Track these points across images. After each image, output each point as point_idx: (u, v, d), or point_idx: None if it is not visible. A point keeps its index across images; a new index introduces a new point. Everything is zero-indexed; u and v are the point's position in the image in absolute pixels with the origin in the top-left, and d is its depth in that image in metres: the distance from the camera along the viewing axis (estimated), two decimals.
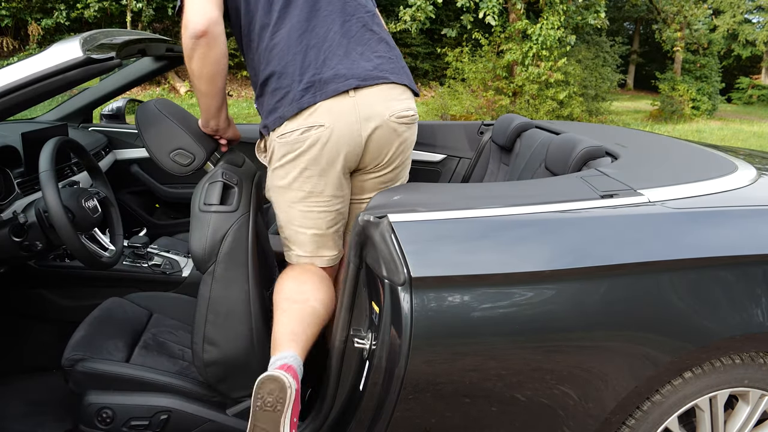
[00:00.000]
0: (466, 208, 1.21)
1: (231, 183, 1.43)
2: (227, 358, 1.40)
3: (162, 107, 1.49)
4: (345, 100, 1.42)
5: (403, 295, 1.12)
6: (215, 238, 1.36)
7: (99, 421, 1.43)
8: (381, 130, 1.47)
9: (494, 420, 1.23)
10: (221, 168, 1.46)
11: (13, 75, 1.25)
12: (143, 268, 2.07)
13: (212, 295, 1.37)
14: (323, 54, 1.44)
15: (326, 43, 1.45)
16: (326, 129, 1.41)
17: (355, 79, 1.43)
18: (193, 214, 1.38)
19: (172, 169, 1.50)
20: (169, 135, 1.48)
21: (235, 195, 1.42)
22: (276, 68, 1.43)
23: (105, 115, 2.98)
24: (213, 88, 1.43)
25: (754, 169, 1.55)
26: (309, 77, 1.41)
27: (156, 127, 1.48)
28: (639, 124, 12.75)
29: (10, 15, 11.34)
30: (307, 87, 1.41)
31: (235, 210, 1.39)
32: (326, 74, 1.42)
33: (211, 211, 1.38)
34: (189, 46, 1.35)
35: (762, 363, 1.31)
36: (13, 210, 1.65)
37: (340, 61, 1.44)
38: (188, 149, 1.49)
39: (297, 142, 1.43)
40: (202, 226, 1.37)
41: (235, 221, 1.38)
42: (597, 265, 1.16)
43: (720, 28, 20.26)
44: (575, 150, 1.68)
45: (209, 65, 1.38)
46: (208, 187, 1.41)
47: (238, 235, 1.38)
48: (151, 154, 1.49)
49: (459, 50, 11.03)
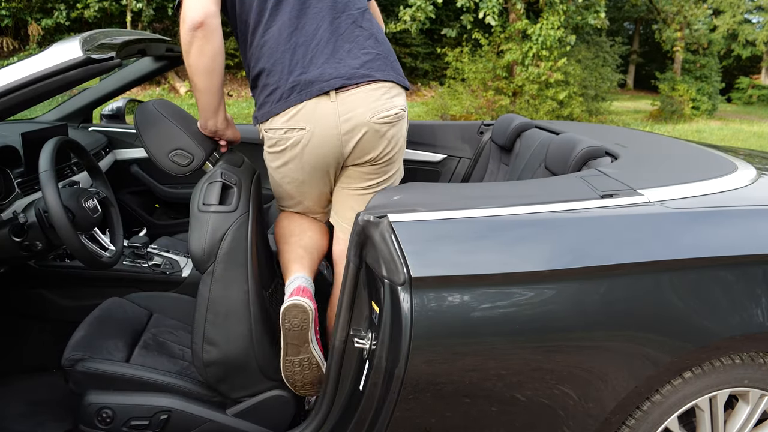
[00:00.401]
0: (465, 208, 1.21)
1: (230, 183, 1.43)
2: (227, 359, 1.40)
3: (161, 108, 1.49)
4: (327, 104, 1.47)
5: (403, 295, 1.12)
6: (214, 238, 1.36)
7: (99, 421, 1.43)
8: (364, 134, 1.51)
9: (494, 420, 1.23)
10: (220, 168, 1.46)
11: (13, 75, 1.25)
12: (143, 268, 2.07)
13: (212, 295, 1.37)
14: (311, 52, 1.48)
15: (314, 41, 1.49)
16: (307, 132, 1.49)
17: (340, 78, 1.47)
18: (192, 215, 1.38)
19: (171, 169, 1.50)
20: (167, 135, 1.48)
21: (234, 195, 1.42)
22: (266, 65, 1.48)
23: (105, 115, 2.98)
24: (210, 83, 1.45)
25: (754, 169, 1.55)
26: (295, 76, 1.47)
27: (155, 128, 1.47)
28: (639, 124, 12.75)
29: (10, 15, 11.34)
30: (293, 86, 1.47)
31: (234, 210, 1.39)
32: (312, 74, 1.47)
33: (210, 211, 1.38)
34: (187, 40, 1.39)
35: (762, 363, 1.31)
36: (13, 210, 1.65)
37: (326, 60, 1.48)
38: (187, 149, 1.49)
39: (281, 139, 1.52)
40: (201, 226, 1.37)
41: (234, 221, 1.38)
42: (597, 265, 1.16)
43: (720, 28, 20.24)
44: (575, 150, 1.68)
45: (206, 59, 1.40)
46: (207, 188, 1.41)
47: (238, 235, 1.38)
48: (150, 155, 1.49)
49: (459, 50, 11.03)
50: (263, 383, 1.46)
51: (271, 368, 1.45)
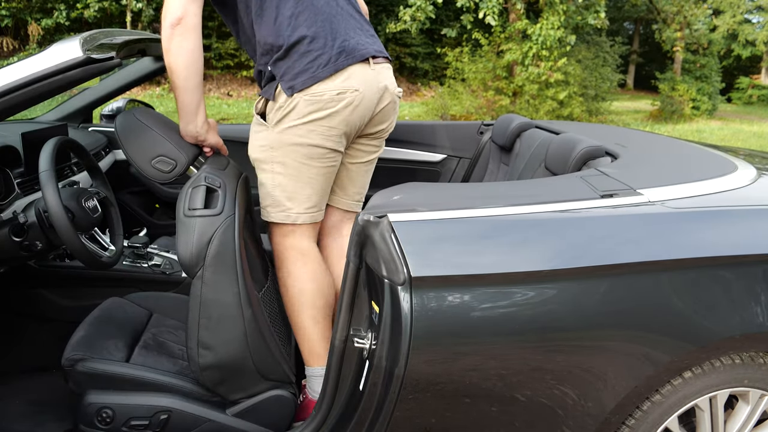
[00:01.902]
0: (465, 207, 1.21)
1: (214, 186, 1.43)
2: (223, 362, 1.40)
3: (141, 116, 1.49)
4: (368, 70, 1.57)
5: (403, 294, 1.12)
6: (201, 242, 1.35)
7: (99, 421, 1.43)
8: (387, 104, 1.65)
9: (494, 420, 1.23)
10: (203, 172, 1.46)
11: (13, 75, 1.25)
12: (143, 268, 2.07)
13: (203, 299, 1.37)
14: (344, 22, 1.58)
15: (344, 13, 1.60)
16: (359, 94, 1.55)
17: (374, 49, 1.60)
18: (178, 220, 1.38)
19: (154, 176, 1.49)
20: (149, 143, 1.47)
21: (219, 198, 1.41)
22: (307, 33, 1.52)
23: (105, 115, 2.98)
24: (188, 82, 1.46)
25: (754, 169, 1.55)
26: (339, 42, 1.54)
27: (136, 136, 1.47)
28: (639, 124, 12.75)
29: (10, 15, 11.34)
30: (339, 51, 1.53)
31: (219, 213, 1.39)
32: (352, 41, 1.56)
33: (196, 215, 1.37)
34: (166, 36, 1.42)
35: (762, 363, 1.31)
36: (13, 210, 1.65)
37: (357, 31, 1.60)
38: (169, 155, 1.48)
39: (331, 101, 1.52)
40: (188, 231, 1.36)
41: (221, 224, 1.38)
42: (597, 265, 1.16)
43: (720, 28, 20.23)
44: (575, 150, 1.68)
45: (184, 56, 1.43)
46: (191, 192, 1.41)
47: (225, 237, 1.37)
48: (132, 163, 1.48)
49: (459, 50, 11.03)
50: (261, 384, 1.46)
51: (267, 369, 1.45)
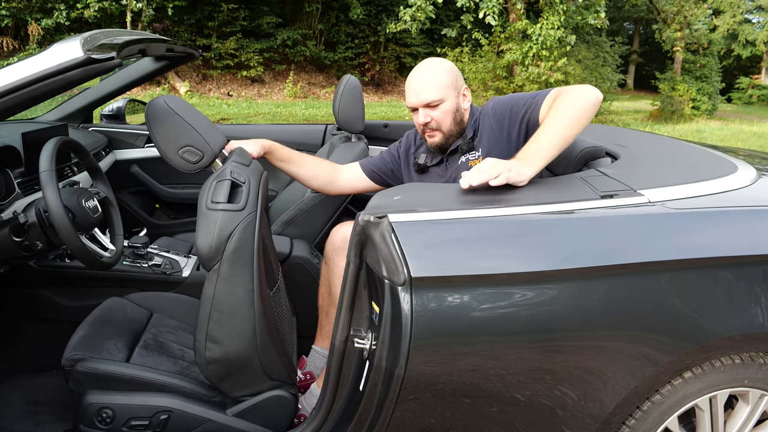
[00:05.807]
0: (466, 208, 1.21)
1: (239, 181, 1.42)
2: (229, 357, 1.40)
3: (172, 104, 1.48)
4: None
5: (403, 295, 1.12)
6: (222, 236, 1.35)
7: (99, 421, 1.43)
8: None
9: (494, 420, 1.23)
10: (230, 166, 1.46)
11: (13, 75, 1.25)
12: (143, 268, 2.07)
13: (217, 293, 1.36)
14: None
15: None
16: None
17: None
18: (200, 212, 1.37)
19: (180, 166, 1.49)
20: (178, 132, 1.47)
21: (242, 193, 1.41)
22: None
23: (105, 115, 2.98)
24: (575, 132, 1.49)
25: (754, 169, 1.55)
26: None
27: (165, 124, 1.47)
28: (639, 124, 12.74)
29: (10, 15, 11.34)
30: None
31: (242, 209, 1.38)
32: None
33: (219, 209, 1.36)
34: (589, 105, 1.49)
35: (762, 363, 1.31)
36: (13, 210, 1.65)
37: None
38: (197, 146, 1.48)
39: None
40: (209, 223, 1.35)
41: (242, 220, 1.37)
42: (597, 265, 1.16)
43: (720, 28, 20.25)
44: (575, 150, 1.68)
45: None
46: (216, 185, 1.40)
47: (245, 234, 1.37)
48: (160, 151, 1.48)
49: (459, 50, 11.04)
50: (264, 382, 1.46)
51: (272, 367, 1.45)
